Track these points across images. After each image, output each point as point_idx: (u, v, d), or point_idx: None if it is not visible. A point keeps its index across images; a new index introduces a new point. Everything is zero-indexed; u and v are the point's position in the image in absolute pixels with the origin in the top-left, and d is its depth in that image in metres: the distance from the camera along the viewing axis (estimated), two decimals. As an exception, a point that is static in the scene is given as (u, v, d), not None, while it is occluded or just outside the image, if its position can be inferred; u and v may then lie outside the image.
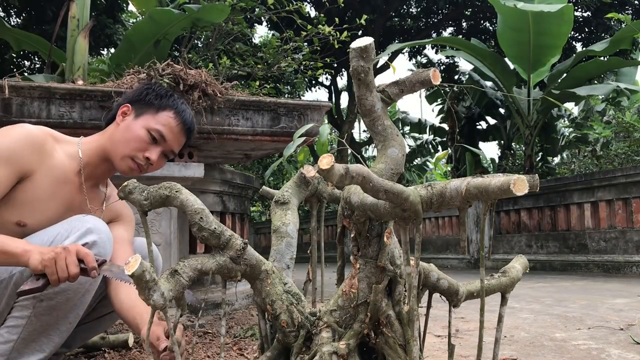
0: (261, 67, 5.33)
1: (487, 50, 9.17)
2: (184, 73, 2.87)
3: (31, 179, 1.57)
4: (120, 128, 1.70)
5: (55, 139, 1.67)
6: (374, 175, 1.15)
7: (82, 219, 1.60)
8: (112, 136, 1.71)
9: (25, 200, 1.58)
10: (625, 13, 10.65)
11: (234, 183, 3.89)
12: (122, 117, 1.71)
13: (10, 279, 1.54)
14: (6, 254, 1.45)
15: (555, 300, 4.11)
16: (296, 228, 1.56)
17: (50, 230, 1.58)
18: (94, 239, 1.55)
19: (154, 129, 1.68)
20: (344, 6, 6.71)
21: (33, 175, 1.57)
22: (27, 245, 1.47)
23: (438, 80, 1.33)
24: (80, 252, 1.44)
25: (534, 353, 2.27)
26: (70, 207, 1.67)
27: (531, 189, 1.08)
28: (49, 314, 1.56)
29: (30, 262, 1.43)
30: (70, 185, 1.67)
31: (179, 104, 1.75)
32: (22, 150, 1.55)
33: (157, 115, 1.70)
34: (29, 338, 1.56)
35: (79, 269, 1.44)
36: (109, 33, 7.59)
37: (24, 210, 1.58)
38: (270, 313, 1.37)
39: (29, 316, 1.54)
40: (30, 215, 1.59)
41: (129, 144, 1.68)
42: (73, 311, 1.61)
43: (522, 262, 1.64)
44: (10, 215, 1.57)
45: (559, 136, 11.94)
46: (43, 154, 1.59)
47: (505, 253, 8.39)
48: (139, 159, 1.69)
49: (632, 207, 6.58)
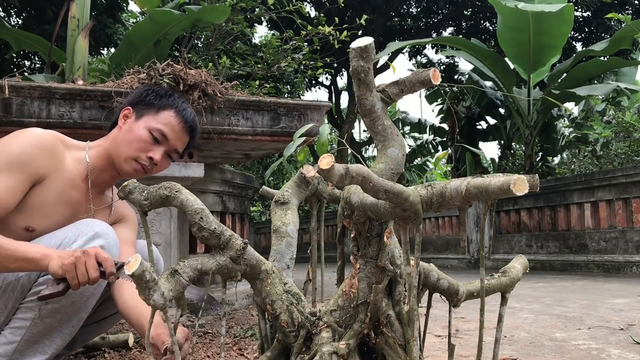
0: (261, 67, 5.33)
1: (487, 50, 9.17)
2: (184, 73, 2.87)
3: (43, 184, 1.57)
4: (123, 131, 1.70)
5: (65, 144, 1.67)
6: (374, 175, 1.15)
7: (90, 222, 1.60)
8: (115, 139, 1.71)
9: (35, 205, 1.58)
10: (625, 13, 10.65)
11: (234, 183, 3.89)
12: (123, 120, 1.72)
13: (17, 281, 1.54)
14: (25, 260, 1.45)
15: (555, 300, 4.11)
16: (296, 228, 1.56)
17: (57, 233, 1.59)
18: (101, 243, 1.55)
19: (155, 129, 1.69)
20: (344, 6, 6.71)
21: (46, 180, 1.57)
22: (46, 250, 1.47)
23: (438, 80, 1.33)
24: (99, 255, 1.44)
25: (534, 353, 2.27)
26: (78, 212, 1.68)
27: (531, 189, 1.08)
28: (53, 316, 1.56)
29: (50, 267, 1.42)
30: (78, 191, 1.67)
31: (180, 103, 1.76)
32: (35, 155, 1.54)
33: (157, 115, 1.71)
34: (32, 340, 1.56)
35: (99, 272, 1.43)
36: (109, 33, 7.59)
37: (33, 216, 1.58)
38: (270, 313, 1.37)
39: (33, 318, 1.54)
40: (39, 220, 1.59)
41: (131, 145, 1.68)
42: (77, 314, 1.62)
43: (522, 262, 1.64)
44: (19, 220, 1.57)
45: (559, 136, 11.93)
46: (55, 159, 1.60)
47: (505, 253, 8.39)
48: (142, 159, 1.69)
49: (632, 207, 6.58)
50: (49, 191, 1.59)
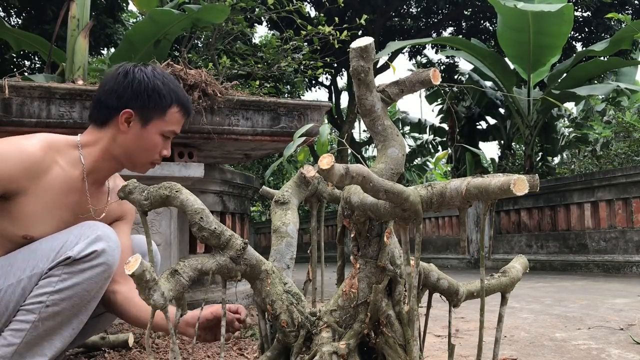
0: (261, 67, 5.33)
1: (487, 50, 9.17)
2: (184, 73, 2.87)
3: (26, 195, 1.57)
4: (130, 136, 1.68)
5: (57, 150, 1.64)
6: (374, 175, 1.15)
7: (92, 225, 1.60)
8: (118, 142, 1.69)
9: (26, 214, 1.58)
10: (625, 13, 10.64)
11: (234, 183, 3.89)
12: (126, 124, 1.68)
13: (18, 283, 1.54)
14: None
15: (555, 300, 4.11)
16: (296, 228, 1.56)
17: (59, 236, 1.58)
18: (102, 246, 1.55)
19: (167, 131, 1.71)
20: (344, 6, 6.71)
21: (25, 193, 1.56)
22: None
23: (438, 80, 1.33)
24: None
25: (534, 353, 2.27)
26: (78, 212, 1.68)
27: (531, 189, 1.08)
28: (54, 319, 1.56)
29: None
30: (75, 193, 1.67)
31: (179, 92, 1.74)
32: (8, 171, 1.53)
33: (165, 117, 1.70)
34: (32, 342, 1.55)
35: None
36: (109, 33, 7.59)
37: (27, 224, 1.59)
38: (270, 313, 1.37)
39: (33, 321, 1.53)
40: (35, 228, 1.60)
41: (148, 153, 1.71)
42: (77, 317, 1.62)
43: (522, 262, 1.64)
44: (16, 229, 1.58)
45: (559, 136, 11.93)
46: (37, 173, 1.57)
47: (505, 253, 8.39)
48: (157, 160, 1.74)
49: (632, 207, 6.58)
50: (36, 201, 1.58)
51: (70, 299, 1.55)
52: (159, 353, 2.28)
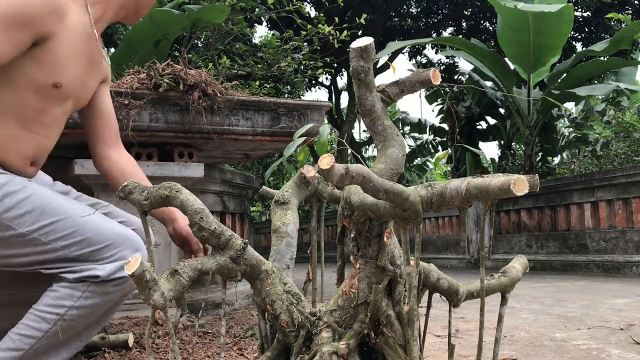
0: (261, 67, 5.33)
1: (487, 50, 9.17)
2: (184, 73, 2.87)
3: (53, 39, 1.54)
4: None
5: None
6: (374, 175, 1.15)
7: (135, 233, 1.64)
8: None
9: (55, 59, 1.56)
10: (625, 13, 10.64)
11: (234, 183, 3.89)
12: None
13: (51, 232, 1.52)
14: None
15: (555, 300, 4.11)
16: (296, 228, 1.56)
17: (107, 227, 1.58)
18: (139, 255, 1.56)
19: None
20: (344, 6, 6.72)
21: (54, 36, 1.54)
22: None
23: (438, 80, 1.33)
24: None
25: (534, 353, 2.27)
26: (93, 62, 1.69)
27: (531, 189, 1.08)
28: (66, 332, 1.55)
29: None
30: (89, 39, 1.66)
31: None
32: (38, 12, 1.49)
33: None
34: (40, 350, 1.54)
35: None
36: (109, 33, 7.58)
37: (57, 70, 1.56)
38: (270, 313, 1.37)
39: (46, 331, 1.52)
40: (64, 74, 1.58)
41: None
42: (87, 330, 1.62)
43: (522, 262, 1.64)
44: (46, 77, 1.55)
45: (559, 136, 11.94)
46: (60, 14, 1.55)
47: (505, 253, 8.39)
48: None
49: (632, 207, 6.58)
50: (62, 45, 1.56)
51: (87, 317, 1.55)
52: (159, 353, 2.28)
